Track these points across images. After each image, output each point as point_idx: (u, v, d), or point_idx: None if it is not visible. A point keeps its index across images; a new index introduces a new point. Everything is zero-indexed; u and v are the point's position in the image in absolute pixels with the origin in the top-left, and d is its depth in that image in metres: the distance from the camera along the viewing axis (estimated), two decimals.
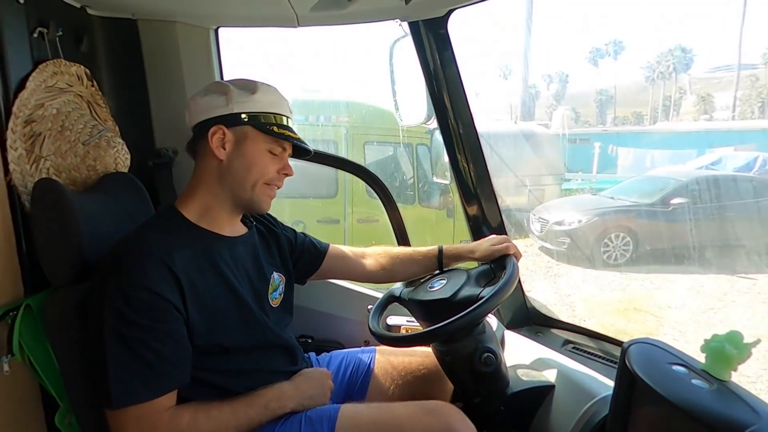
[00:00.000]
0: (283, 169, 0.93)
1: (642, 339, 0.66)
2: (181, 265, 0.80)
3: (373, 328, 1.06)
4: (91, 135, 1.02)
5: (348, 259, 1.17)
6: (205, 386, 0.86)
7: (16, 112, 0.89)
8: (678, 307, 4.37)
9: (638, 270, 5.30)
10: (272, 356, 0.96)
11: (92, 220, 0.88)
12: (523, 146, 6.55)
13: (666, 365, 0.60)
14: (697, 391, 0.54)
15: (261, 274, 0.97)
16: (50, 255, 0.84)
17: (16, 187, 0.89)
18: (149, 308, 0.75)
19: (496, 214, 1.34)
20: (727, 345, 0.54)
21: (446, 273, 1.11)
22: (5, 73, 0.88)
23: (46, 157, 0.94)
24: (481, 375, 0.97)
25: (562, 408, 1.00)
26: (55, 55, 1.02)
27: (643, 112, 35.18)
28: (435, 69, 1.26)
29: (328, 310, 1.45)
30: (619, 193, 6.35)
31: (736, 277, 4.92)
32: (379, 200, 1.47)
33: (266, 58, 8.36)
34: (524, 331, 1.34)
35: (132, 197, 1.06)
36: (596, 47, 42.77)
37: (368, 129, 3.94)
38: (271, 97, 0.92)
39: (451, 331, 0.89)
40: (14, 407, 0.90)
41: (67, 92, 1.03)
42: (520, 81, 36.26)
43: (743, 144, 11.71)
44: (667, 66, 35.26)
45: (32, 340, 0.86)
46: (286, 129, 0.92)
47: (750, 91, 29.25)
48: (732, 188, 5.88)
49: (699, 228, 5.48)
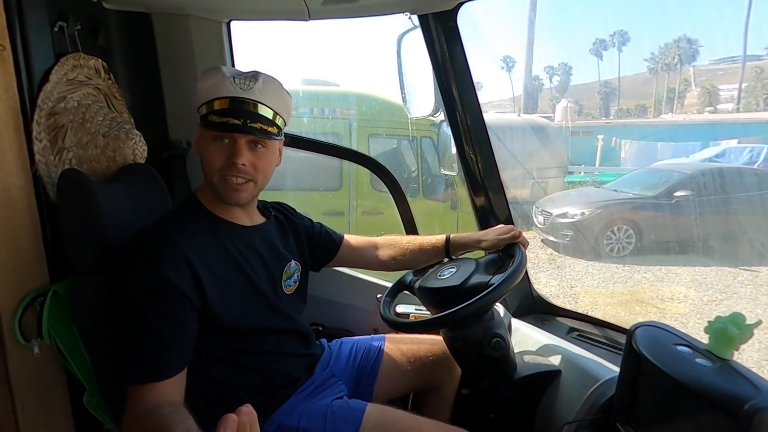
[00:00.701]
0: (229, 157, 0.85)
1: (647, 322, 0.69)
2: (199, 253, 0.83)
3: (385, 315, 1.09)
4: (110, 127, 1.05)
5: (361, 249, 1.21)
6: (227, 365, 0.90)
7: (40, 104, 0.92)
8: (680, 299, 4.40)
9: (641, 262, 5.33)
10: (287, 340, 1.00)
11: (114, 210, 0.91)
12: (527, 138, 6.54)
13: (671, 346, 0.63)
14: (701, 369, 0.57)
15: (277, 261, 1.00)
16: (77, 243, 0.87)
17: (41, 177, 0.92)
18: (157, 291, 0.78)
19: (503, 205, 1.36)
20: (730, 326, 0.57)
21: (455, 261, 1.14)
22: (30, 66, 0.91)
23: (68, 149, 0.97)
24: (491, 360, 1.00)
25: (568, 392, 1.03)
26: (74, 48, 1.05)
27: (646, 104, 34.95)
28: (444, 61, 1.28)
29: (339, 298, 1.49)
30: (623, 186, 6.35)
31: (739, 269, 4.94)
32: (383, 192, 1.50)
33: (272, 50, 8.22)
34: (530, 319, 1.37)
35: (150, 187, 1.09)
36: (600, 38, 42.41)
37: (373, 122, 3.95)
38: (208, 83, 0.86)
39: (462, 317, 0.92)
40: (42, 389, 0.94)
41: (86, 85, 1.05)
42: (523, 72, 36.05)
43: (747, 136, 11.66)
44: (673, 57, 34.94)
45: (59, 324, 0.90)
46: (228, 114, 0.84)
47: (755, 83, 29.01)
48: (736, 180, 5.88)
49: (702, 220, 5.49)
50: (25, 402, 0.88)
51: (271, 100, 0.88)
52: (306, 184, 3.58)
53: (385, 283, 1.49)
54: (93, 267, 0.88)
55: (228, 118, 0.83)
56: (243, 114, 0.84)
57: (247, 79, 0.86)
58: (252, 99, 0.85)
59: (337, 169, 3.67)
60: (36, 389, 0.91)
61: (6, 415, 0.87)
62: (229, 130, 0.84)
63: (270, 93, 0.87)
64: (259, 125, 0.85)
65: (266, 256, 0.98)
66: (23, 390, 0.88)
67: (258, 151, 0.88)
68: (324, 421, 0.90)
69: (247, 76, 0.87)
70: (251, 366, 0.93)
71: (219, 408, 0.90)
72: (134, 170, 1.08)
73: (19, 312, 0.86)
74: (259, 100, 0.85)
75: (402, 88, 1.53)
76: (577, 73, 45.22)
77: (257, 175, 0.89)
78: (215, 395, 0.90)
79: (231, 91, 0.84)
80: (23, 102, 0.89)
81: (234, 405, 0.90)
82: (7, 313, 0.85)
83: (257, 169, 0.88)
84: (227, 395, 0.91)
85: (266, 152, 0.89)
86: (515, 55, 42.92)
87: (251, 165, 0.87)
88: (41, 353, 0.90)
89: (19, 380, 0.87)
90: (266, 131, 0.86)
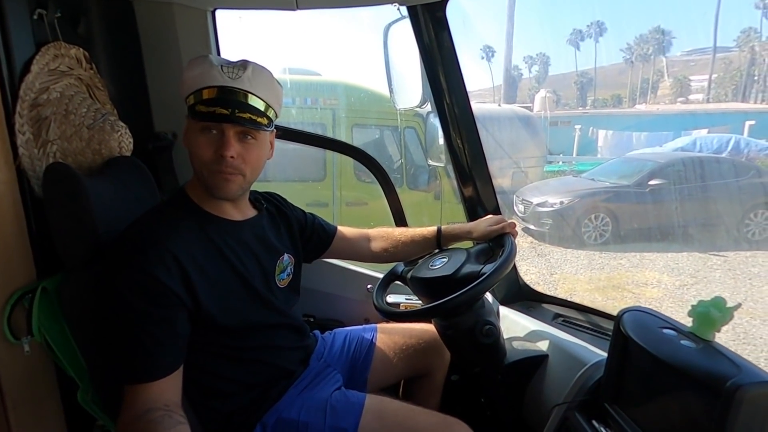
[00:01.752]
0: (218, 149, 0.83)
1: (635, 307, 0.72)
2: (187, 251, 0.81)
3: (379, 305, 1.11)
4: (94, 119, 1.02)
5: (353, 241, 1.21)
6: (222, 360, 0.90)
7: (22, 95, 0.89)
8: (654, 284, 4.56)
9: (617, 249, 5.50)
10: (281, 335, 1.00)
11: (103, 204, 0.89)
12: (509, 128, 6.61)
13: (657, 329, 0.66)
14: (686, 350, 0.60)
15: (269, 255, 0.99)
16: (65, 238, 0.85)
17: (25, 171, 0.90)
18: (146, 292, 0.76)
19: (491, 195, 1.38)
20: (712, 309, 0.61)
21: (446, 252, 1.16)
22: (10, 56, 0.87)
23: (52, 141, 0.94)
24: (482, 346, 1.03)
25: (555, 375, 1.08)
26: (55, 37, 1.01)
27: (622, 94, 35.70)
28: (432, 52, 1.28)
29: (329, 289, 1.49)
30: (600, 175, 6.51)
31: (709, 255, 5.16)
32: (367, 183, 1.50)
33: (255, 39, 8.03)
34: (517, 306, 1.41)
35: (138, 181, 1.07)
36: (578, 29, 42.95)
37: (356, 112, 3.93)
38: (194, 72, 0.83)
39: (455, 305, 0.94)
40: (32, 387, 0.92)
41: (68, 75, 1.02)
42: (502, 62, 36.25)
43: (717, 126, 12.08)
44: (647, 48, 35.70)
45: (48, 321, 0.88)
46: (216, 103, 0.81)
47: (724, 74, 29.94)
48: (706, 169, 6.09)
49: (676, 208, 5.69)
50: (15, 400, 0.87)
51: (262, 91, 0.85)
52: (289, 175, 3.55)
53: (374, 273, 1.51)
54: (82, 262, 0.86)
55: (216, 107, 0.81)
56: (232, 104, 0.81)
57: (235, 68, 0.83)
58: (242, 89, 0.83)
59: (320, 160, 3.64)
60: (27, 387, 0.90)
61: None
62: (216, 120, 0.81)
63: (260, 83, 0.85)
64: (248, 116, 0.83)
65: (258, 250, 0.96)
66: (14, 388, 0.86)
67: (247, 143, 0.86)
68: (324, 415, 0.90)
69: (235, 65, 0.84)
70: (246, 361, 0.93)
71: (215, 401, 0.92)
72: (121, 163, 1.06)
73: (7, 310, 0.84)
74: (249, 89, 0.83)
75: (389, 79, 1.52)
76: (555, 63, 45.76)
77: (246, 168, 0.87)
78: (211, 389, 0.90)
79: (219, 80, 0.81)
80: (4, 93, 0.86)
81: (230, 398, 0.92)
82: None
83: (246, 162, 0.86)
84: (223, 389, 0.91)
85: (256, 144, 0.87)
86: (495, 45, 43.09)
87: (240, 157, 0.85)
88: (31, 350, 0.88)
89: (9, 379, 0.85)
90: (255, 122, 0.84)
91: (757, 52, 29.23)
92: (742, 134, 10.52)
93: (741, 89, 26.79)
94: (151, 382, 0.74)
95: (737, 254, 5.18)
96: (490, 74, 38.76)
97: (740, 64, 29.47)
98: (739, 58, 30.43)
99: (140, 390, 0.74)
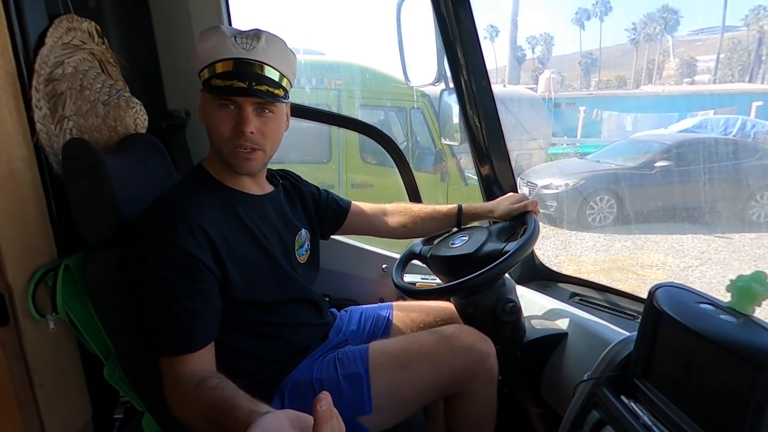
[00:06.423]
0: (237, 125, 0.82)
1: (668, 282, 0.71)
2: (213, 224, 0.82)
3: (399, 283, 1.10)
4: (109, 95, 1.00)
5: (370, 216, 1.20)
6: (243, 334, 0.90)
7: (38, 69, 0.86)
8: (659, 266, 4.57)
9: (622, 231, 5.49)
10: (302, 310, 1.01)
11: (123, 181, 0.88)
12: (515, 109, 6.54)
13: (693, 304, 0.65)
14: (726, 324, 0.59)
15: (288, 230, 0.99)
16: (87, 215, 0.84)
17: (43, 148, 0.88)
18: (180, 266, 0.76)
19: (508, 173, 1.36)
20: (753, 283, 0.60)
21: (466, 230, 1.15)
22: (24, 28, 0.85)
23: (69, 117, 0.92)
24: (503, 324, 1.03)
25: (575, 353, 1.08)
26: (66, 9, 0.98)
27: (626, 75, 35.19)
28: (450, 24, 1.24)
29: (343, 269, 1.49)
30: (605, 157, 6.46)
31: (714, 237, 5.15)
32: (373, 165, 1.49)
33: (267, 16, 7.68)
34: (533, 285, 1.40)
35: (154, 158, 1.05)
36: (583, 7, 42.05)
37: (363, 92, 3.87)
38: (207, 44, 0.81)
39: (479, 283, 0.94)
40: (57, 364, 0.92)
41: (81, 50, 1.00)
42: (507, 43, 35.66)
43: (724, 107, 11.92)
44: (654, 27, 35.02)
45: (71, 298, 0.88)
46: (232, 76, 0.79)
47: (731, 54, 29.43)
48: (713, 151, 6.04)
49: (681, 190, 5.66)
50: (42, 378, 0.87)
51: (276, 61, 0.83)
52: (294, 157, 3.52)
53: (389, 253, 1.51)
54: (105, 240, 0.85)
55: (233, 81, 0.79)
56: (248, 76, 0.79)
57: (249, 39, 0.81)
58: (257, 60, 0.81)
59: (326, 142, 3.61)
60: (51, 364, 0.90)
61: (24, 391, 0.85)
62: (234, 94, 0.80)
63: (274, 53, 0.83)
64: (265, 87, 0.81)
65: (279, 225, 0.97)
66: (39, 366, 0.87)
67: (266, 117, 0.84)
68: (335, 368, 0.92)
69: (248, 35, 0.82)
70: (270, 337, 0.93)
71: (238, 379, 0.91)
72: (137, 140, 1.04)
73: (31, 287, 0.83)
74: (264, 60, 0.81)
75: (402, 56, 1.49)
76: (559, 44, 44.95)
77: (266, 143, 0.86)
78: (234, 366, 0.90)
79: (233, 52, 0.79)
80: (20, 67, 0.84)
81: (252, 376, 0.92)
82: (19, 289, 0.82)
83: (266, 136, 0.85)
84: (246, 366, 0.92)
85: (274, 117, 0.86)
86: (499, 25, 42.19)
87: (259, 132, 0.84)
88: (56, 327, 0.88)
89: (34, 357, 0.85)
90: (273, 94, 0.82)
91: (765, 32, 28.67)
92: (749, 115, 10.39)
93: (748, 70, 26.37)
94: (191, 353, 0.76)
95: (742, 236, 5.17)
96: (494, 54, 38.08)
97: (748, 44, 28.93)
98: (747, 38, 29.87)
99: (181, 362, 0.75)
